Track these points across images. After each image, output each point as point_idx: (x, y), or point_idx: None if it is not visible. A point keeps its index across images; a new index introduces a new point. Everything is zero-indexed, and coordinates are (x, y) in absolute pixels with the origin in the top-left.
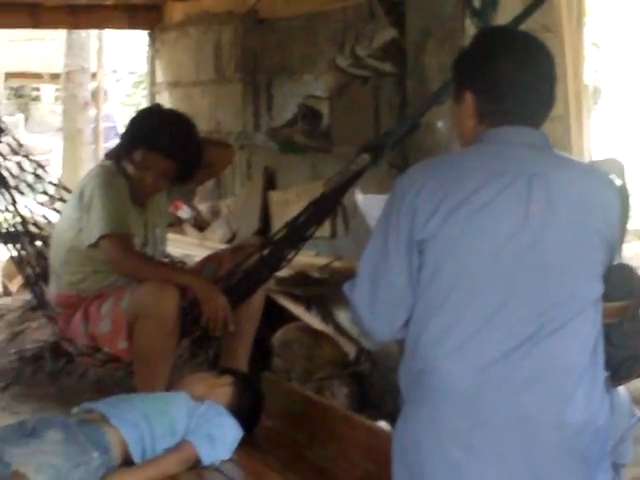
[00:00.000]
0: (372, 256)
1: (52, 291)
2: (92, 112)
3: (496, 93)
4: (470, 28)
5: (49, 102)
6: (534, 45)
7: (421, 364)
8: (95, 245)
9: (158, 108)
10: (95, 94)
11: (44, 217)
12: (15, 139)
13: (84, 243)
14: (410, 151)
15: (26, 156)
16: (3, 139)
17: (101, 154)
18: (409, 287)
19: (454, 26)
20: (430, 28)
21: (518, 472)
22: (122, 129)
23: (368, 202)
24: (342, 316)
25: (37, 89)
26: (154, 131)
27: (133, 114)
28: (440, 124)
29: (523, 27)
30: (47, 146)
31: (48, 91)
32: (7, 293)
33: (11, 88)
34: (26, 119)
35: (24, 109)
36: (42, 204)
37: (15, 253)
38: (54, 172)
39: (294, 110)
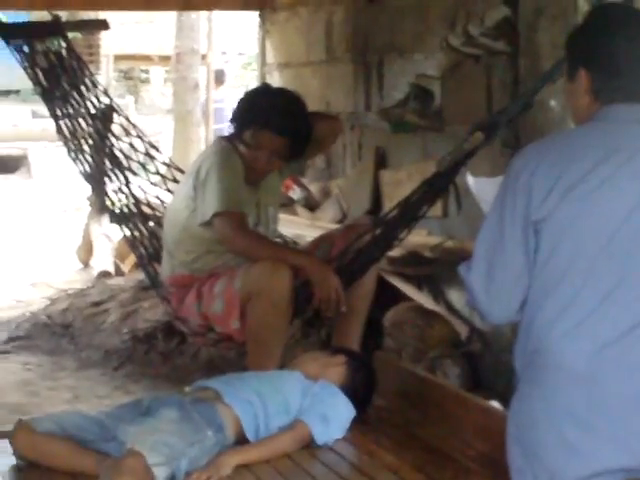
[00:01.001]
0: (488, 237)
1: (165, 271)
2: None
3: (611, 70)
4: (583, 5)
5: (158, 84)
6: None
7: (536, 344)
8: (209, 223)
9: (266, 87)
10: (208, 76)
11: (157, 197)
12: (128, 120)
13: (198, 221)
14: (523, 130)
15: (139, 137)
16: (116, 120)
17: (210, 135)
18: (525, 268)
19: (567, 3)
20: (542, 5)
21: (634, 452)
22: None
23: (480, 185)
24: (454, 296)
25: (146, 71)
26: (263, 110)
27: (241, 95)
28: (553, 102)
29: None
30: (157, 128)
31: (157, 73)
32: (119, 273)
33: (120, 70)
34: (135, 101)
35: (133, 91)
36: (155, 184)
37: (128, 233)
38: (165, 153)
39: (405, 90)
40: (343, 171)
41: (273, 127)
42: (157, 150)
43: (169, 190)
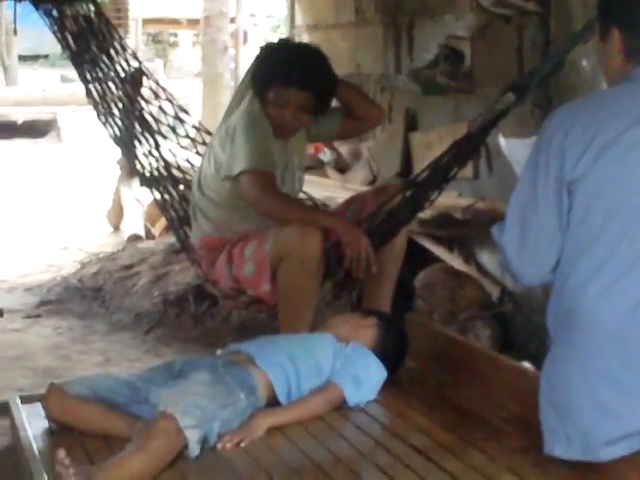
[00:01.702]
0: (521, 199)
1: (195, 233)
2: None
3: None
4: None
5: (187, 47)
6: None
7: (570, 304)
8: (235, 180)
9: (283, 42)
10: (234, 37)
11: (187, 161)
12: (157, 83)
13: (222, 175)
14: (554, 91)
15: (168, 100)
16: (145, 84)
17: None
18: (559, 229)
19: None
20: None
21: None
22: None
23: (511, 146)
24: (484, 257)
25: (175, 35)
26: (285, 65)
27: (260, 52)
28: (585, 62)
29: None
30: (186, 91)
31: (186, 37)
32: (150, 237)
33: (149, 34)
34: (164, 65)
35: (162, 55)
36: (185, 148)
37: (158, 197)
38: (194, 116)
39: (435, 51)
40: (373, 133)
41: (296, 82)
42: (187, 113)
43: (199, 153)
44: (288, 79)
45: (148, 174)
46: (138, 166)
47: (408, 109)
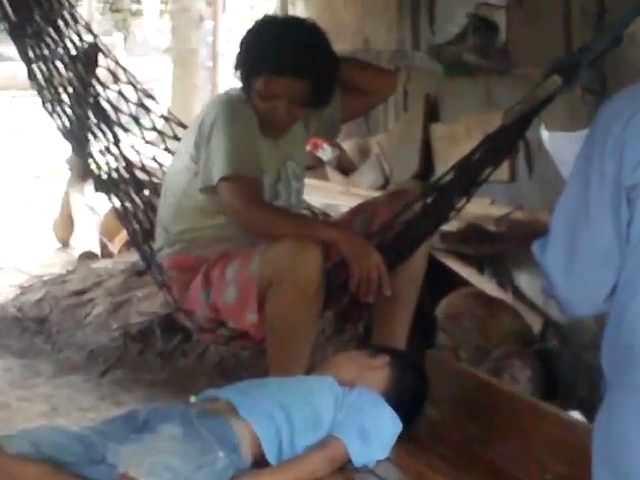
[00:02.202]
0: (568, 208)
1: (162, 251)
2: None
3: None
4: None
5: (153, 18)
6: None
7: (629, 338)
8: (213, 189)
9: (272, 20)
10: (211, 4)
11: (154, 159)
12: (117, 62)
13: (199, 185)
14: (610, 72)
15: (130, 83)
16: (102, 63)
17: (219, 79)
18: (616, 245)
19: None
20: None
21: None
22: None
23: (557, 141)
24: (524, 280)
25: (138, 2)
26: (273, 50)
27: (244, 33)
28: None
29: None
30: (152, 72)
31: (151, 4)
32: (107, 254)
33: (105, 2)
34: (125, 39)
35: (122, 27)
36: (150, 143)
37: (118, 204)
38: (163, 104)
39: (462, 23)
40: (385, 125)
41: (288, 69)
42: (153, 99)
43: (168, 150)
44: (278, 66)
45: (105, 176)
46: (93, 166)
47: (428, 95)
